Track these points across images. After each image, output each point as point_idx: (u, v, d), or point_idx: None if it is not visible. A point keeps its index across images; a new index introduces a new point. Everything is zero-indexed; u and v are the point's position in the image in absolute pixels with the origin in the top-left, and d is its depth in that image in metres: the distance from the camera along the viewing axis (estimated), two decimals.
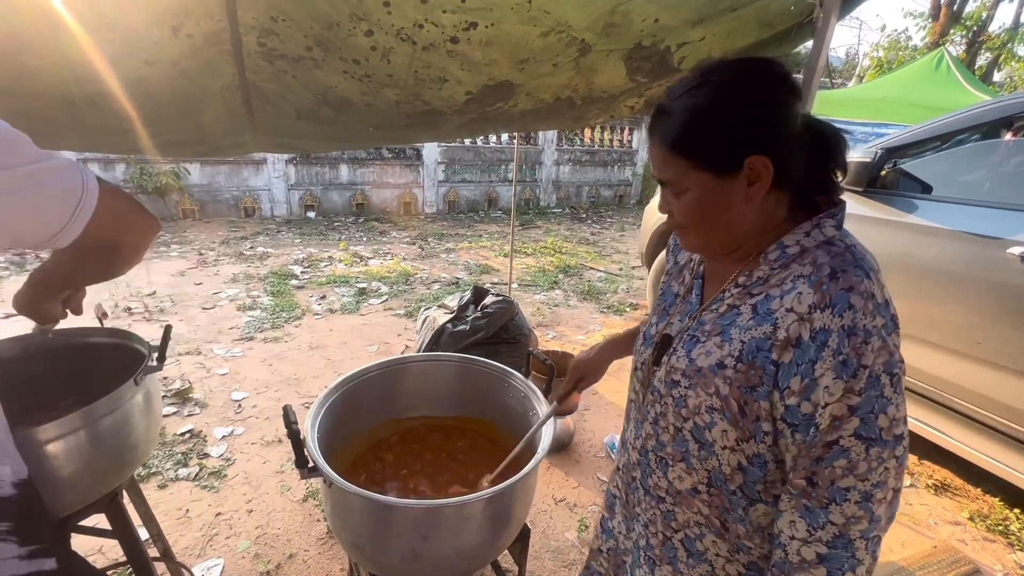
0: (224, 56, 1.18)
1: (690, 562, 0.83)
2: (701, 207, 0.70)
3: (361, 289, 4.57)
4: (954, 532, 2.22)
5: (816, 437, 0.63)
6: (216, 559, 1.85)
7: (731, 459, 0.72)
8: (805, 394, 0.63)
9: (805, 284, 0.65)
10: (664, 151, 0.70)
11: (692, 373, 0.74)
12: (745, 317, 0.71)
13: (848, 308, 0.61)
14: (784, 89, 0.67)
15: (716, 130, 0.66)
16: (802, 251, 0.68)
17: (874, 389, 0.61)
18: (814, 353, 0.62)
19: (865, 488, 0.63)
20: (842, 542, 0.64)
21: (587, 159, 9.53)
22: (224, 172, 6.84)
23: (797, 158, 0.68)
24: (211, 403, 2.79)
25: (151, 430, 1.20)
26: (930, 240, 2.35)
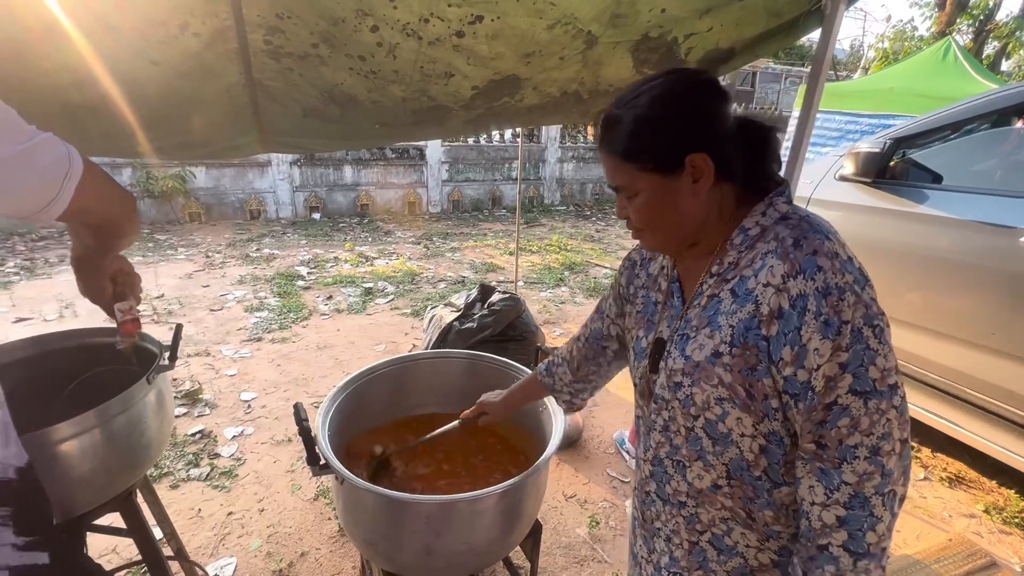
0: (230, 55, 1.18)
1: (721, 559, 0.83)
2: (654, 206, 0.76)
3: (367, 289, 4.58)
4: (969, 525, 2.20)
5: (815, 401, 0.65)
6: (229, 558, 1.86)
7: (752, 445, 0.74)
8: (798, 362, 0.65)
9: (773, 257, 0.69)
10: (614, 158, 0.76)
11: (691, 370, 0.76)
12: (727, 302, 0.74)
13: (817, 270, 0.65)
14: (713, 93, 0.73)
15: (657, 134, 0.72)
16: (762, 230, 0.74)
17: (859, 343, 0.63)
18: (797, 319, 0.65)
19: (871, 442, 0.65)
20: (858, 501, 0.66)
21: (590, 156, 9.51)
22: (229, 175, 6.88)
23: (735, 152, 0.74)
24: (221, 404, 2.80)
25: (163, 429, 1.21)
26: (941, 230, 2.32)
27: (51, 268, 4.76)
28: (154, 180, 6.25)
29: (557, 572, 1.88)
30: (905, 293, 2.42)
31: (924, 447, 2.68)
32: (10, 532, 0.60)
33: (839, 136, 6.59)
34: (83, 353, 1.24)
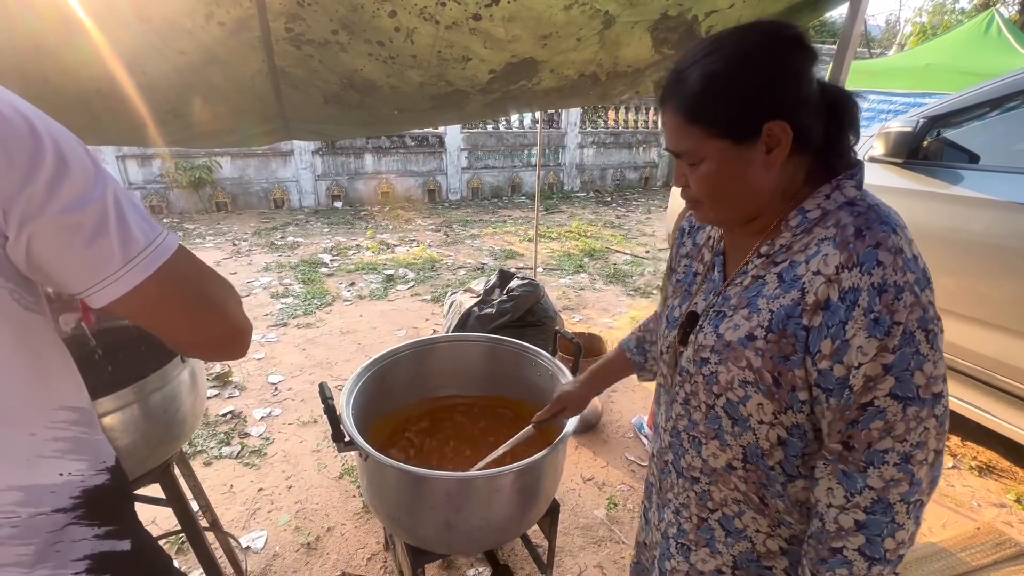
0: (253, 43, 1.20)
1: (728, 541, 0.81)
2: (719, 177, 0.69)
3: (388, 276, 4.65)
4: (999, 514, 2.15)
5: (850, 399, 0.62)
6: (260, 531, 1.95)
7: (769, 434, 0.71)
8: (837, 356, 0.62)
9: (830, 245, 0.64)
10: (679, 120, 0.68)
11: (721, 348, 0.73)
12: (771, 286, 0.69)
13: (877, 265, 0.60)
14: (800, 51, 0.65)
15: (733, 96, 0.64)
16: (824, 214, 0.67)
17: (909, 346, 0.59)
18: (844, 314, 0.61)
19: (904, 449, 0.61)
20: (881, 507, 0.63)
21: (611, 141, 9.37)
22: (254, 165, 7.01)
23: (815, 121, 0.66)
24: (250, 386, 2.90)
25: (197, 406, 1.27)
26: (978, 212, 2.24)
27: None
28: (182, 171, 6.42)
29: (575, 551, 1.91)
30: (937, 278, 2.32)
31: (953, 435, 2.61)
32: (84, 527, 0.61)
33: (871, 116, 6.34)
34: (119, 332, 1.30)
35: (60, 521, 0.59)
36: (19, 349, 0.54)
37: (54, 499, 0.59)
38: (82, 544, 0.61)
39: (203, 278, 0.61)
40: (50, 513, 0.58)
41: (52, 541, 0.59)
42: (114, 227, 0.52)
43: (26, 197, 0.48)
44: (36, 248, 0.50)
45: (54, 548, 0.59)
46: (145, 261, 0.54)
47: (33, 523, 0.57)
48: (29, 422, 0.56)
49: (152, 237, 0.55)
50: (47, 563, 0.59)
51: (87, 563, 0.61)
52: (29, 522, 0.57)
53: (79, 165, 0.51)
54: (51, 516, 0.58)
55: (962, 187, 2.34)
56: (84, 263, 0.52)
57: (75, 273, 0.52)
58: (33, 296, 0.55)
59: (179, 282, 0.58)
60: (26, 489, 0.57)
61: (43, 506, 0.58)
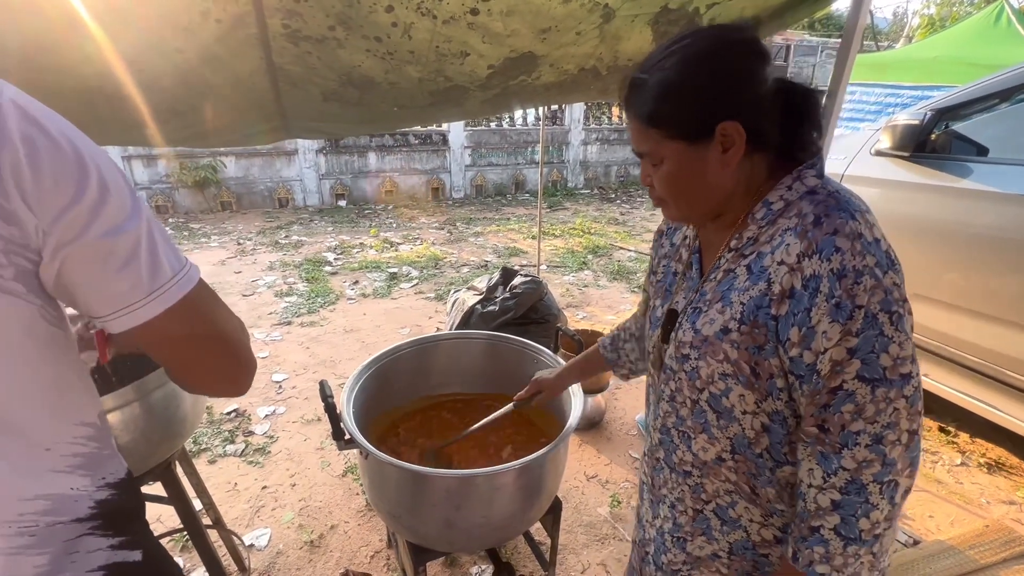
0: (251, 40, 1.20)
1: (724, 529, 0.83)
2: (679, 176, 0.72)
3: (392, 274, 4.66)
4: (1008, 511, 2.12)
5: (820, 384, 0.64)
6: (264, 529, 1.96)
7: (753, 423, 0.73)
8: (805, 343, 0.64)
9: (791, 235, 0.66)
10: (639, 123, 0.71)
11: (699, 343, 0.75)
12: (741, 279, 0.71)
13: (835, 251, 0.61)
14: (751, 54, 0.67)
15: (686, 100, 0.67)
16: (787, 205, 0.69)
17: (872, 328, 0.61)
18: (808, 301, 0.63)
19: (875, 431, 0.63)
20: (854, 487, 0.64)
21: (615, 138, 9.32)
22: (258, 164, 7.03)
23: (770, 120, 0.68)
24: (254, 384, 2.90)
25: (198, 404, 1.27)
26: (986, 205, 2.20)
27: None
28: (187, 171, 6.45)
29: (578, 549, 1.91)
30: (945, 272, 2.32)
31: (962, 432, 2.58)
32: (98, 537, 0.61)
33: (878, 110, 6.27)
34: None
35: (76, 531, 0.60)
36: (45, 364, 0.55)
37: (75, 508, 0.59)
38: (97, 555, 0.62)
39: (219, 312, 0.62)
40: (68, 523, 0.59)
41: (68, 551, 0.59)
42: (145, 256, 0.53)
43: (67, 221, 0.49)
44: (68, 271, 0.51)
45: (70, 559, 0.60)
46: (169, 292, 0.55)
47: (52, 532, 0.58)
48: (51, 435, 0.57)
49: (178, 268, 0.56)
50: (63, 574, 0.59)
51: (102, 573, 0.62)
52: (47, 531, 0.57)
53: (118, 192, 0.52)
54: (68, 525, 0.59)
55: (971, 180, 2.31)
56: (112, 289, 0.53)
57: (101, 298, 0.53)
58: (57, 312, 0.56)
59: (196, 314, 0.58)
60: (53, 498, 0.57)
61: (63, 515, 0.58)
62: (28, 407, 0.54)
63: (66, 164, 0.49)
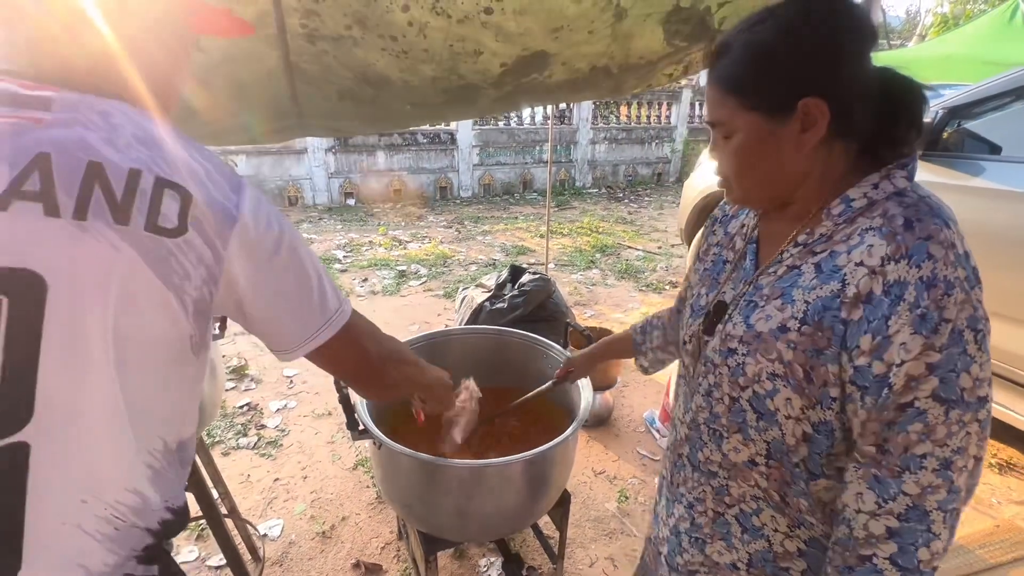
0: (270, 39, 1.23)
1: (745, 538, 0.78)
2: (748, 152, 0.66)
3: (401, 272, 4.69)
4: (1019, 512, 2.11)
5: (889, 399, 0.58)
6: (276, 519, 1.99)
7: (795, 429, 0.68)
8: (877, 353, 0.58)
9: (876, 236, 0.60)
10: (716, 89, 0.67)
11: (751, 339, 0.70)
12: (808, 277, 0.66)
13: (927, 258, 0.56)
14: (854, 29, 0.61)
15: (770, 67, 0.62)
16: (870, 204, 0.63)
17: (956, 346, 0.56)
18: (888, 308, 0.57)
19: (944, 455, 0.58)
20: (916, 514, 0.59)
21: (623, 137, 9.32)
22: (268, 163, 7.11)
23: (862, 106, 0.62)
24: (265, 379, 2.96)
25: (215, 394, 1.30)
26: (1000, 204, 2.19)
27: None
28: None
29: (586, 543, 1.92)
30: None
31: None
32: (135, 562, 0.62)
33: None
34: None
35: (143, 541, 0.60)
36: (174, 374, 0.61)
37: (151, 516, 0.60)
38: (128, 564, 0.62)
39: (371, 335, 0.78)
40: (142, 530, 0.60)
41: (128, 558, 0.60)
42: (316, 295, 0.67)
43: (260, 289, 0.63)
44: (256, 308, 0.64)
45: (123, 569, 0.60)
46: (334, 322, 0.68)
47: (129, 534, 0.59)
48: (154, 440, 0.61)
49: (339, 303, 0.69)
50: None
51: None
52: (127, 531, 0.58)
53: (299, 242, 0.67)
54: (141, 532, 0.60)
55: (984, 179, 2.30)
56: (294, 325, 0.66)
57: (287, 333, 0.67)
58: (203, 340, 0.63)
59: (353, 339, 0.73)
60: (143, 498, 0.59)
61: (142, 520, 0.60)
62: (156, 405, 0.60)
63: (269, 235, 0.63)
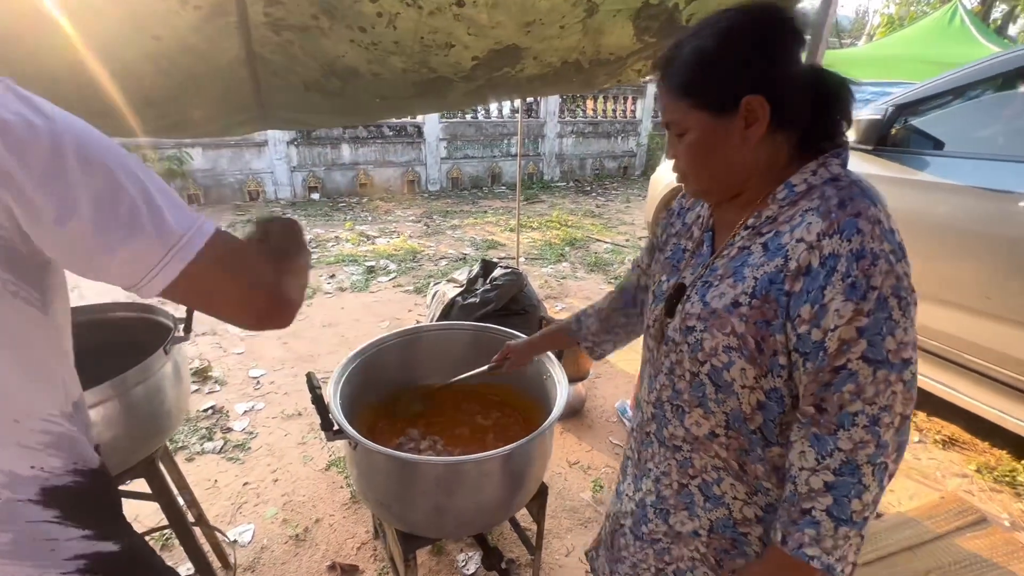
0: (230, 28, 1.17)
1: (707, 506, 0.84)
2: (701, 148, 0.73)
3: (370, 267, 4.61)
4: (961, 484, 2.27)
5: (824, 362, 0.64)
6: (247, 525, 1.94)
7: (750, 398, 0.74)
8: (815, 320, 0.64)
9: (814, 215, 0.67)
10: (668, 93, 0.73)
11: (707, 316, 0.76)
12: (757, 255, 0.72)
13: (856, 232, 0.63)
14: (784, 31, 0.68)
15: (714, 70, 0.68)
16: (809, 188, 0.70)
17: (882, 311, 0.62)
18: (824, 279, 0.63)
19: (872, 412, 0.64)
20: (849, 468, 0.65)
21: (590, 131, 9.40)
22: (227, 156, 6.83)
23: (798, 101, 0.69)
24: (230, 381, 2.86)
25: (181, 399, 1.25)
26: (942, 196, 2.33)
27: None
28: (151, 163, 6.22)
29: (562, 533, 1.95)
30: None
31: (920, 411, 2.74)
32: (69, 527, 0.62)
33: None
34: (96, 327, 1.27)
35: (38, 514, 0.59)
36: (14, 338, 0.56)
37: (28, 489, 0.59)
38: (71, 544, 0.62)
39: (242, 258, 0.63)
40: (25, 502, 0.59)
41: (35, 536, 0.59)
42: (147, 219, 0.54)
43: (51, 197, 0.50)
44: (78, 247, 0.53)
45: (39, 545, 0.59)
46: (184, 249, 0.56)
47: (11, 509, 0.58)
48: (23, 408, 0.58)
49: (188, 225, 0.57)
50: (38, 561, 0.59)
51: (82, 563, 0.62)
52: (8, 506, 0.58)
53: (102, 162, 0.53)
54: (27, 506, 0.59)
55: (927, 173, 2.43)
56: (126, 258, 0.54)
57: (120, 269, 0.55)
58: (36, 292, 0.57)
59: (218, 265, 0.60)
60: (8, 474, 0.58)
61: (20, 493, 0.58)
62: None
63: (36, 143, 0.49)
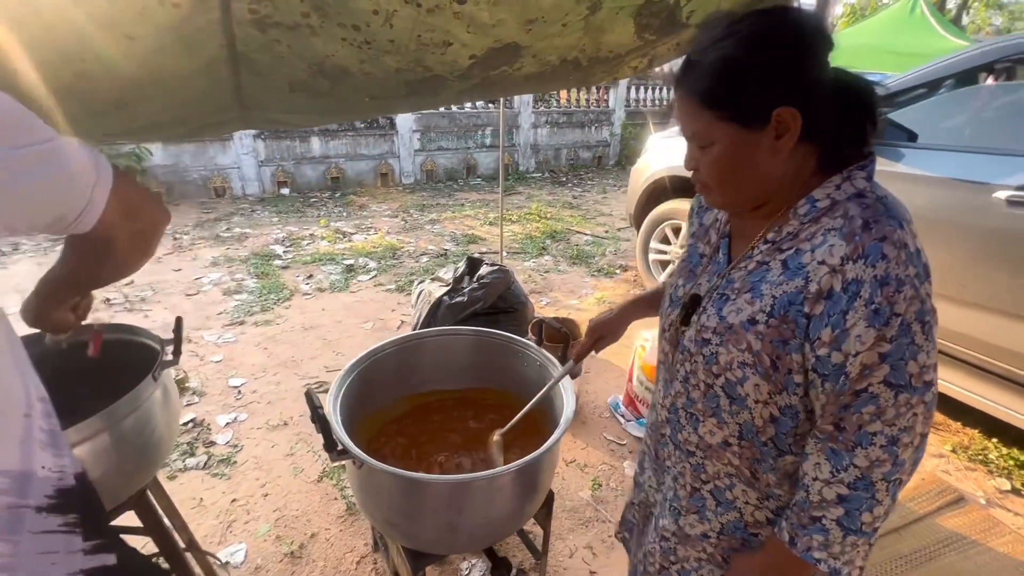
0: (212, 26, 1.08)
1: (719, 510, 0.86)
2: (728, 161, 0.70)
3: (348, 266, 4.48)
4: (939, 464, 2.37)
5: (845, 385, 0.64)
6: (238, 544, 1.86)
7: (763, 412, 0.74)
8: (836, 344, 0.64)
9: (837, 236, 0.65)
10: (691, 103, 0.69)
11: (723, 330, 0.75)
12: (775, 273, 0.71)
13: (881, 258, 0.61)
14: (816, 39, 0.66)
15: (745, 81, 0.65)
16: (832, 204, 0.68)
17: (905, 337, 0.62)
18: (846, 304, 0.63)
19: (892, 433, 0.65)
20: (863, 484, 0.66)
21: (564, 120, 9.37)
22: (189, 151, 6.51)
23: (826, 110, 0.67)
24: (209, 391, 2.74)
25: (172, 425, 1.18)
26: (917, 188, 2.40)
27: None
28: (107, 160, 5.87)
29: (564, 534, 1.95)
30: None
31: None
32: (79, 538, 0.60)
33: None
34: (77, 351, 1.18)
35: (40, 524, 0.57)
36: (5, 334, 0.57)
37: (39, 492, 0.57)
38: (77, 557, 0.60)
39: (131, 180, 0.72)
40: (32, 509, 0.56)
41: (38, 549, 0.56)
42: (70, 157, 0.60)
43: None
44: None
45: (48, 560, 0.57)
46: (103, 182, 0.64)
47: (17, 516, 0.55)
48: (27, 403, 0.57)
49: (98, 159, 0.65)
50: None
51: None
52: (12, 514, 0.55)
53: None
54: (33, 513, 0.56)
55: (903, 164, 2.50)
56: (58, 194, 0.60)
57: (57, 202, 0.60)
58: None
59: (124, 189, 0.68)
60: (15, 475, 0.55)
61: (31, 497, 0.56)
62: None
63: None
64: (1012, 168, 2.12)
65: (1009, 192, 2.06)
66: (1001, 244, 2.12)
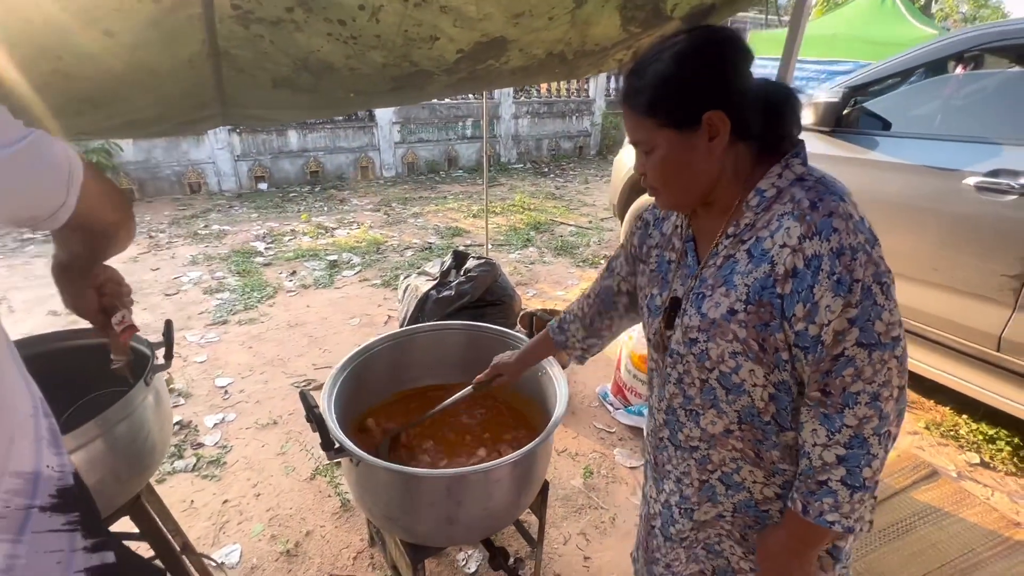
0: (193, 22, 1.06)
1: (729, 493, 0.90)
2: (670, 164, 0.77)
3: (332, 262, 4.43)
4: (913, 441, 2.47)
5: (823, 353, 0.70)
6: (232, 545, 1.85)
7: (763, 394, 0.79)
8: (809, 317, 0.70)
9: (790, 219, 0.72)
10: (635, 114, 0.77)
11: (707, 327, 0.79)
12: (743, 263, 0.77)
13: (833, 231, 0.68)
14: (734, 51, 0.73)
15: (676, 90, 0.73)
16: (778, 192, 0.75)
17: (868, 299, 0.68)
18: (811, 278, 0.69)
19: (873, 389, 0.70)
20: (858, 441, 0.72)
21: (545, 111, 9.34)
22: (161, 146, 6.33)
23: (753, 112, 0.74)
24: (195, 392, 2.69)
25: (164, 429, 1.17)
26: (891, 175, 2.47)
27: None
28: None
29: (558, 522, 1.99)
30: None
31: None
32: (81, 536, 0.60)
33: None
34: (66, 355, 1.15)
35: (45, 523, 0.57)
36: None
37: (44, 492, 0.57)
38: (79, 555, 0.61)
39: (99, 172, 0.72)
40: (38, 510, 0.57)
41: (45, 549, 0.57)
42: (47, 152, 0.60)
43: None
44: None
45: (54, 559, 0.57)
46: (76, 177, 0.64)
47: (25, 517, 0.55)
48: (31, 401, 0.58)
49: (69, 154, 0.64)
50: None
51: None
52: (20, 515, 0.55)
53: None
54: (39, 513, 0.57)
55: (878, 152, 2.57)
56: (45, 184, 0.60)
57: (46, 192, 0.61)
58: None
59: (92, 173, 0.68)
60: (27, 476, 0.55)
61: (39, 498, 0.56)
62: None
63: None
64: (981, 155, 2.20)
65: (978, 178, 2.14)
66: (971, 229, 2.20)
